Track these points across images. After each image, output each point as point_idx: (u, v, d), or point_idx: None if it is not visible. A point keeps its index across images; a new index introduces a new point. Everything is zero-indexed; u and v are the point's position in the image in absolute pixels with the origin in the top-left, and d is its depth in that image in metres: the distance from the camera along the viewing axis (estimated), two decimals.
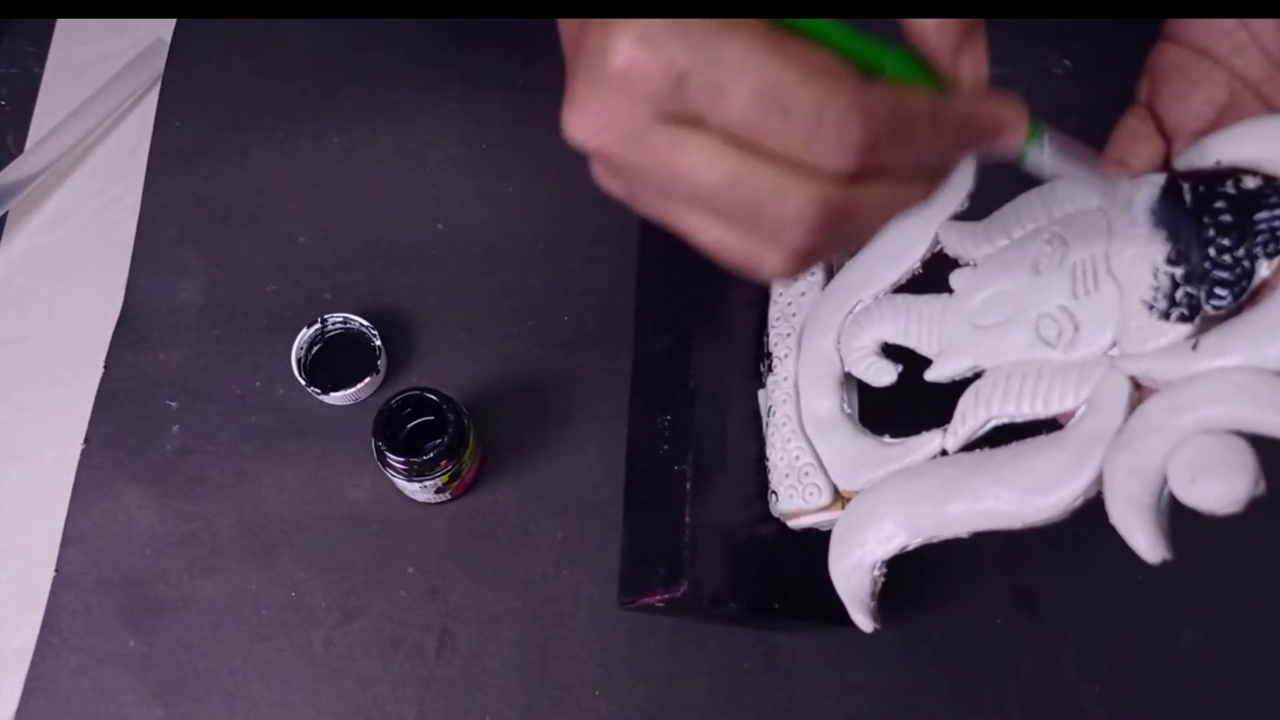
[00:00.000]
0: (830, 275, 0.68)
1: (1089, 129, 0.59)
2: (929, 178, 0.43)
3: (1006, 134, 0.44)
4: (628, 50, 0.38)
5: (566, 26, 0.45)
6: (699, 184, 0.40)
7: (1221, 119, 0.54)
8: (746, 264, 0.43)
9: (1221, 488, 0.45)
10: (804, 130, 0.38)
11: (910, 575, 0.60)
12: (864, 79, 0.39)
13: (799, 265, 0.42)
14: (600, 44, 0.39)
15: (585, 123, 0.41)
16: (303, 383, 0.81)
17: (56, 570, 0.79)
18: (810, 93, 0.38)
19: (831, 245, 0.42)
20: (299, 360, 0.82)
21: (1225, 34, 0.54)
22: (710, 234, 0.42)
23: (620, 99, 0.39)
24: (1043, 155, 0.46)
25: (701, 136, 0.39)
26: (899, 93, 0.40)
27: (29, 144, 0.93)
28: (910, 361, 0.61)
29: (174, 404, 0.83)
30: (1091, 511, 0.51)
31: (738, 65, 0.38)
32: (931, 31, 0.41)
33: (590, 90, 0.40)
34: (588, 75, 0.40)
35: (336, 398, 0.82)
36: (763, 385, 0.68)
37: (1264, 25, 0.54)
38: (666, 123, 0.40)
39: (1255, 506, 0.45)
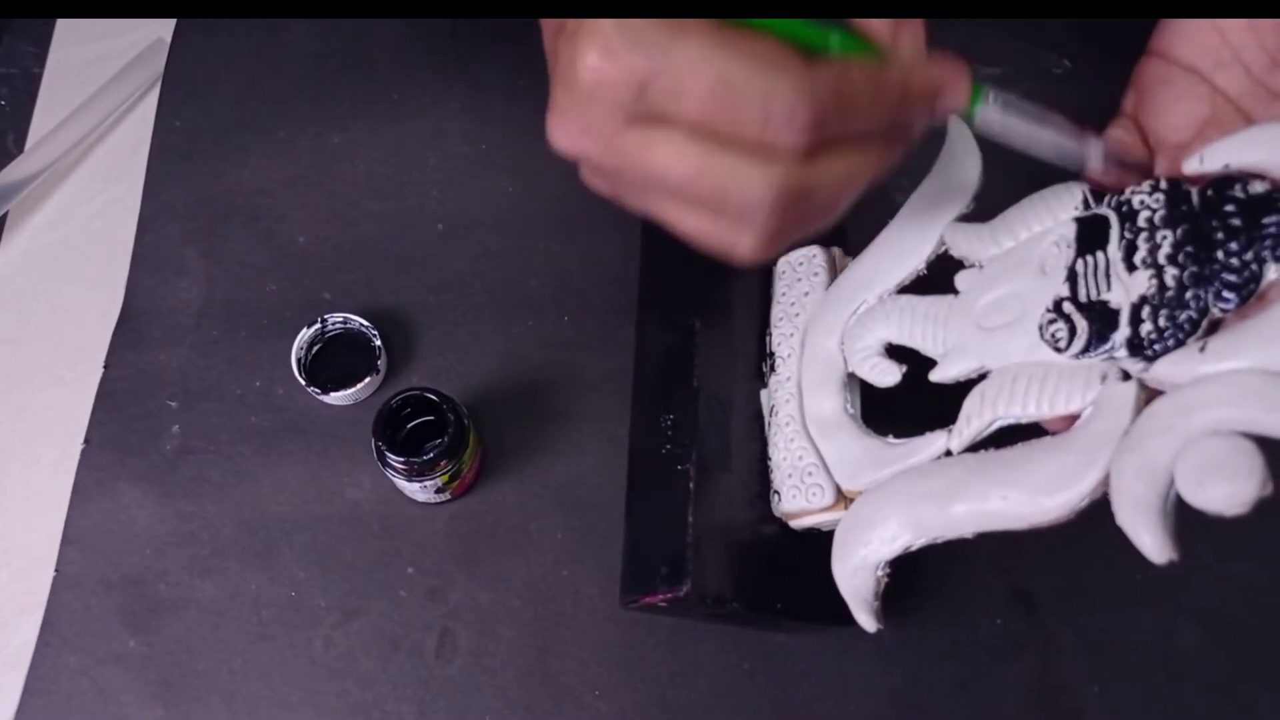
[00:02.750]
0: (834, 275, 0.68)
1: (1088, 129, 0.59)
2: (881, 145, 0.46)
3: (948, 94, 0.47)
4: (593, 63, 0.42)
5: (545, 33, 0.48)
6: (670, 177, 0.44)
7: (1204, 132, 0.55)
8: (723, 248, 0.47)
9: (1229, 489, 0.45)
10: (756, 116, 0.42)
11: (909, 576, 0.60)
12: (807, 61, 0.42)
13: (770, 246, 0.46)
14: (570, 57, 0.43)
15: (565, 132, 0.45)
16: (303, 383, 0.81)
17: (56, 570, 0.79)
18: (758, 81, 0.41)
19: (798, 224, 0.46)
20: (299, 360, 0.82)
21: (1208, 50, 0.56)
22: (688, 223, 0.46)
23: (593, 108, 0.43)
24: (990, 112, 0.51)
25: (668, 133, 0.43)
26: (840, 69, 0.43)
27: (29, 144, 0.93)
28: (914, 362, 0.62)
29: (174, 404, 0.83)
30: (1091, 512, 0.51)
31: (690, 66, 0.41)
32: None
33: (566, 101, 0.44)
34: (563, 87, 0.44)
35: (336, 398, 0.82)
36: (765, 385, 0.68)
37: (1245, 42, 0.55)
38: (636, 124, 0.43)
39: (1257, 507, 0.45)
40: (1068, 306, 0.54)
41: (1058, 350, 0.54)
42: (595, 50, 0.42)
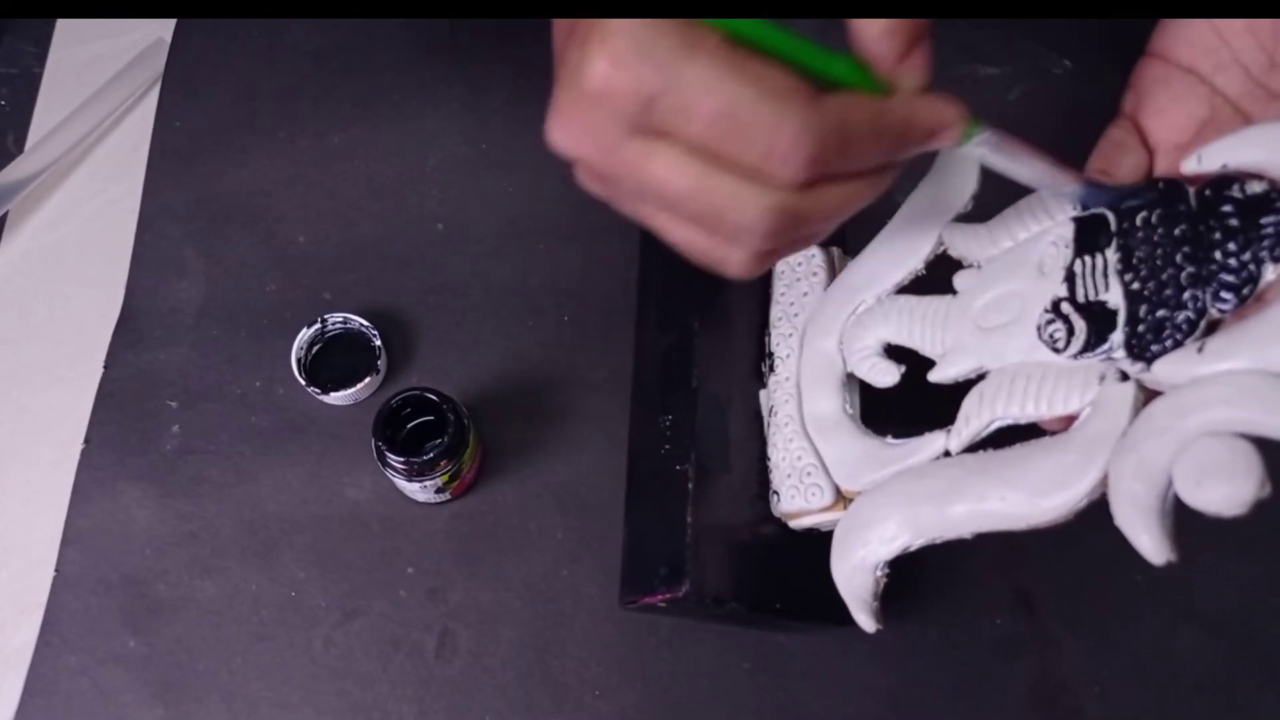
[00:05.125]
0: (833, 275, 0.68)
1: (1088, 129, 0.59)
2: (874, 175, 0.47)
3: (943, 132, 0.47)
4: (601, 71, 0.42)
5: (556, 33, 0.48)
6: (667, 191, 0.44)
7: (1202, 133, 0.55)
8: (711, 262, 0.48)
9: (1227, 490, 0.45)
10: (760, 147, 0.42)
11: (909, 576, 0.60)
12: (814, 95, 0.42)
13: (759, 265, 0.47)
14: (578, 62, 0.42)
15: (566, 134, 0.45)
16: (303, 383, 0.81)
17: (56, 570, 0.79)
18: (765, 112, 0.42)
19: (788, 246, 0.48)
20: (299, 360, 0.82)
21: (1208, 51, 0.56)
22: (678, 234, 0.47)
23: (596, 113, 0.43)
24: (980, 148, 0.50)
25: (669, 148, 0.43)
26: (845, 104, 0.43)
27: (29, 144, 0.93)
28: (912, 362, 0.62)
29: (174, 404, 0.83)
30: (1091, 512, 0.51)
31: (700, 87, 0.41)
32: (874, 41, 0.44)
33: (570, 104, 0.44)
34: (568, 89, 0.43)
35: (336, 398, 0.82)
36: (764, 385, 0.68)
37: (1245, 44, 0.55)
38: (638, 135, 0.43)
39: (1257, 508, 0.45)
40: (1066, 307, 0.54)
41: (1056, 351, 0.54)
42: (605, 58, 0.41)
